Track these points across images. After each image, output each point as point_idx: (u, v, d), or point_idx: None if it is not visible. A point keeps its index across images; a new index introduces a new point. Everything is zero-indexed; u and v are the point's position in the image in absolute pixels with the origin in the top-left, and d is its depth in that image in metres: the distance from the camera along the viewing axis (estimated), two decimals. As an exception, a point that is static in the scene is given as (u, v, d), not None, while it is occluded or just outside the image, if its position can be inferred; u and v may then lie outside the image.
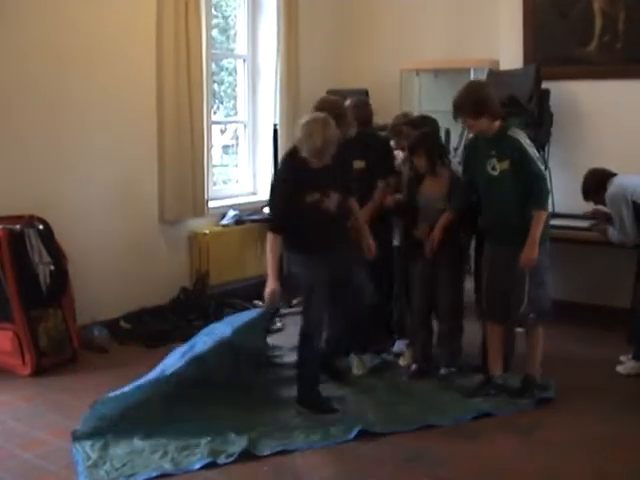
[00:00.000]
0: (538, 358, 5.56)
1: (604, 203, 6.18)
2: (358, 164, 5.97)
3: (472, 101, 5.37)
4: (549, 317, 5.52)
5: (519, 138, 5.35)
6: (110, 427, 4.88)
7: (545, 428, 5.11)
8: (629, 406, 5.51)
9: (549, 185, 5.67)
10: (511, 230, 5.33)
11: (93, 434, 4.84)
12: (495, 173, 5.38)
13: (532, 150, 5.37)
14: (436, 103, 8.31)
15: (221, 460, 4.57)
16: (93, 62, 6.77)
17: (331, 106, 5.69)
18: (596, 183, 6.20)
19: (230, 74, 9.16)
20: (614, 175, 6.19)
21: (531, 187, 5.27)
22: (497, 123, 5.40)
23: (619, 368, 6.08)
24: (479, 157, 5.51)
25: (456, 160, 6.44)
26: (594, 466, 4.60)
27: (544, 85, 7.28)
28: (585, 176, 6.30)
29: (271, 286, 5.19)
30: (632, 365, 6.05)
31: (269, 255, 5.25)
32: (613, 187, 6.07)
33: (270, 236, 5.29)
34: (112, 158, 7.01)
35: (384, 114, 6.90)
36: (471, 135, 5.78)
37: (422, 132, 5.97)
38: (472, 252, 6.01)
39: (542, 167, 5.37)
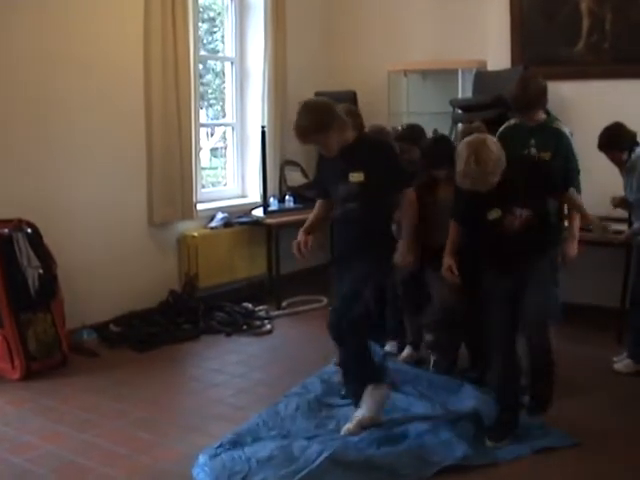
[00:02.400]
0: None
1: (616, 161, 6.14)
2: (356, 177, 4.95)
3: (535, 95, 5.46)
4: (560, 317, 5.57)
5: (566, 132, 5.43)
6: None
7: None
8: (624, 404, 5.52)
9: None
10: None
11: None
12: None
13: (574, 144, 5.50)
14: (424, 104, 8.36)
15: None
16: (80, 66, 6.75)
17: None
18: (621, 142, 6.08)
19: (217, 76, 9.15)
20: (637, 143, 6.15)
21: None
22: (542, 113, 5.50)
23: (617, 366, 6.11)
24: (514, 145, 5.43)
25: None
26: (592, 464, 4.60)
27: (532, 85, 7.29)
28: (611, 127, 6.13)
29: None
30: (626, 363, 6.08)
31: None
32: None
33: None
34: (100, 161, 7.00)
35: (372, 116, 6.91)
36: (511, 122, 5.76)
37: (441, 147, 5.75)
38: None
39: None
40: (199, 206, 7.96)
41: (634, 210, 6.17)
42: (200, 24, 8.33)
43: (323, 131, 4.80)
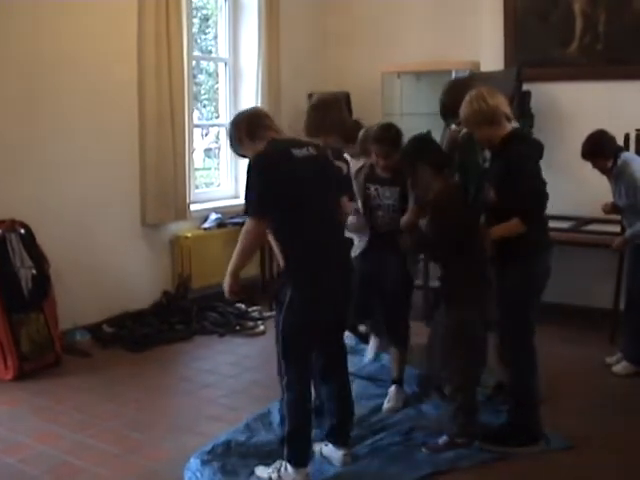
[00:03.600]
0: None
1: (601, 169, 6.10)
2: None
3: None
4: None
5: None
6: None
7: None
8: (618, 404, 5.54)
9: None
10: None
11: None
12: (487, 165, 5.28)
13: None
14: (417, 105, 8.35)
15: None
16: (73, 66, 6.74)
17: None
18: (605, 150, 6.04)
19: (211, 76, 9.15)
20: (621, 149, 6.17)
21: None
22: None
23: (616, 368, 6.12)
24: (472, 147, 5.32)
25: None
26: (588, 465, 4.60)
27: (525, 87, 7.30)
28: (594, 135, 6.08)
29: None
30: (624, 365, 6.11)
31: None
32: (637, 165, 6.01)
33: None
34: (94, 162, 6.98)
35: (366, 117, 6.92)
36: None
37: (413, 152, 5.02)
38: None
39: None
40: (192, 207, 7.96)
41: (625, 215, 6.18)
42: (193, 23, 8.33)
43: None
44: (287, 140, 4.53)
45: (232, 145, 4.58)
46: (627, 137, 6.59)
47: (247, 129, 4.45)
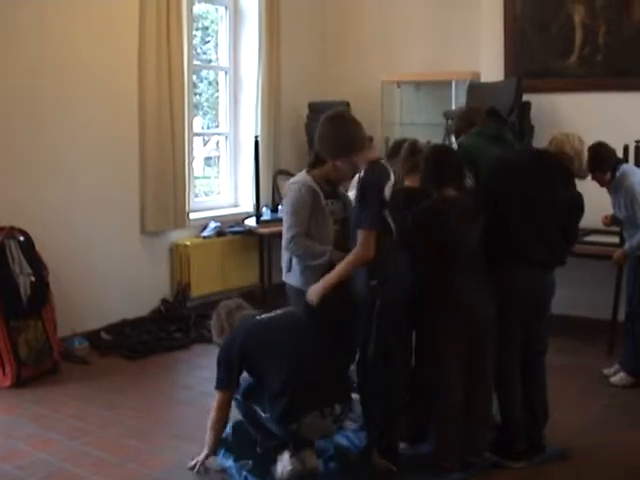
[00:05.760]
0: None
1: (599, 182, 6.08)
2: None
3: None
4: None
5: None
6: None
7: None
8: (613, 416, 5.55)
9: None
10: None
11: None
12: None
13: None
14: (417, 115, 8.37)
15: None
16: (74, 75, 6.76)
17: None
18: (602, 163, 5.97)
19: (211, 85, 9.16)
20: (620, 160, 6.16)
21: None
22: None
23: (614, 379, 6.12)
24: None
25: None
26: (582, 476, 4.62)
27: (525, 97, 7.31)
28: (593, 148, 5.88)
29: None
30: (622, 376, 6.10)
31: None
32: (636, 177, 6.01)
33: None
34: (94, 169, 6.99)
35: (365, 126, 6.90)
36: None
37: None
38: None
39: None
40: (192, 215, 7.96)
41: (625, 227, 6.19)
42: (194, 33, 8.34)
43: None
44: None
45: None
46: (626, 148, 6.58)
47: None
